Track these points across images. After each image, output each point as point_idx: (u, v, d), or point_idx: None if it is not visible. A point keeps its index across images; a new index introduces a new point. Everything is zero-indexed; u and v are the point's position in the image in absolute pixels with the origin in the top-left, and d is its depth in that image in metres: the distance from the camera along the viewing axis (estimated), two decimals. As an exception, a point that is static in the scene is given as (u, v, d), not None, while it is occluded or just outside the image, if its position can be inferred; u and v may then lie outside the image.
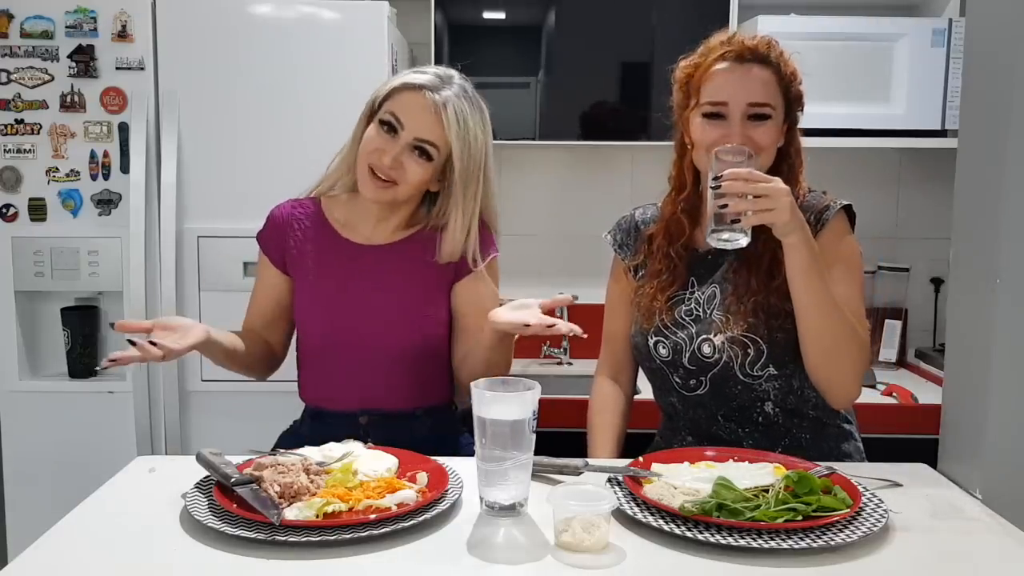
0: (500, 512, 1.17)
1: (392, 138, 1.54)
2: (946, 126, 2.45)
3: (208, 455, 1.24)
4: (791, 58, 1.50)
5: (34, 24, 2.20)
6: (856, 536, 1.09)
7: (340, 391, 1.64)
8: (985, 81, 1.33)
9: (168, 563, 1.05)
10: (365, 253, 1.64)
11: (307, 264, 1.66)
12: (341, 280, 1.63)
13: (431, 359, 1.66)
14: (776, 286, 1.46)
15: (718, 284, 1.53)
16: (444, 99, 1.54)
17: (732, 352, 1.47)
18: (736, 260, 1.51)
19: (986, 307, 1.28)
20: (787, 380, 1.49)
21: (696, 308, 1.53)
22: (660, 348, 1.54)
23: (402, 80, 1.57)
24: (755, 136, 1.45)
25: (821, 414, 1.54)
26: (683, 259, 1.56)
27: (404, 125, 1.53)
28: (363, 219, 1.66)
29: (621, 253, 1.67)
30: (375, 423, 1.62)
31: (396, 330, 1.61)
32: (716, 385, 1.50)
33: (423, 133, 1.53)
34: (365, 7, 2.23)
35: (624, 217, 1.70)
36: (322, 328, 1.64)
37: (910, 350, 2.80)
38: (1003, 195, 1.25)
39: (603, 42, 2.49)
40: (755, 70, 1.46)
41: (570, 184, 2.86)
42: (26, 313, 2.30)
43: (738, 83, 1.46)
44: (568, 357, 2.80)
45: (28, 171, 2.24)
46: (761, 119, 1.45)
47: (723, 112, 1.46)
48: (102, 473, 1.32)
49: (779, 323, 1.46)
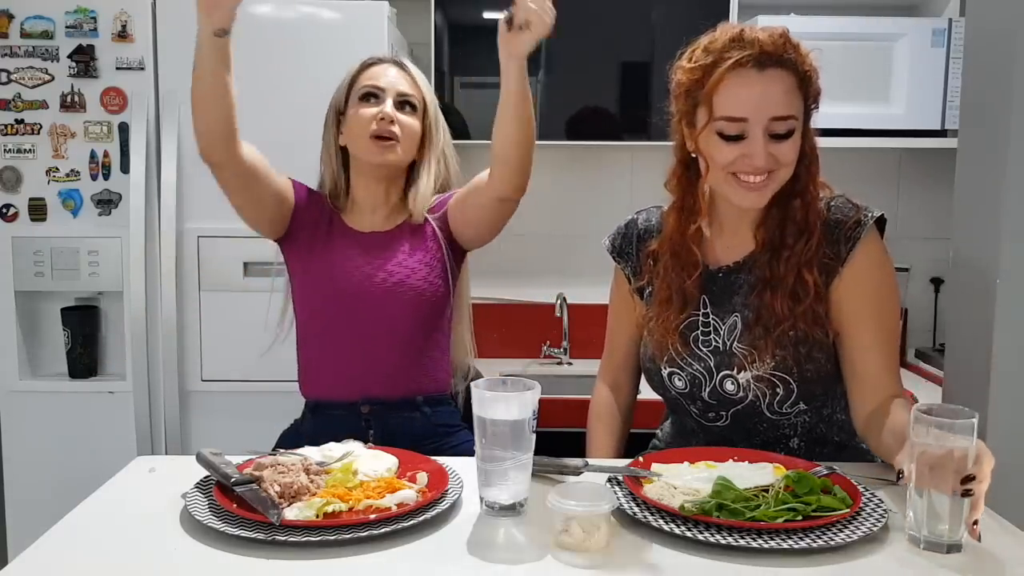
0: (500, 512, 1.17)
1: (378, 104, 1.66)
2: (946, 126, 2.45)
3: (208, 455, 1.24)
4: (807, 51, 1.33)
5: (34, 24, 2.20)
6: (856, 536, 1.08)
7: (340, 379, 1.66)
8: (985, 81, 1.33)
9: (168, 563, 1.05)
10: (367, 239, 1.69)
11: (313, 246, 1.69)
12: (344, 262, 1.67)
13: (430, 343, 1.68)
14: (802, 311, 1.34)
15: (739, 312, 1.40)
16: (400, 60, 1.74)
17: (759, 392, 1.37)
18: (757, 281, 1.40)
19: (986, 307, 1.28)
20: (817, 411, 1.42)
21: (716, 339, 1.41)
22: (676, 380, 1.44)
23: (360, 62, 1.72)
24: (780, 155, 1.30)
25: (844, 437, 1.47)
26: (693, 278, 1.42)
27: (384, 88, 1.67)
28: (362, 208, 1.72)
29: (621, 262, 1.56)
30: (376, 412, 1.64)
31: (398, 300, 1.64)
32: (739, 420, 1.42)
33: (402, 88, 1.69)
34: (365, 7, 2.23)
35: (624, 222, 1.59)
36: (324, 311, 1.66)
37: (910, 350, 2.81)
38: (1003, 195, 1.25)
39: (603, 42, 2.49)
40: (776, 76, 1.29)
41: (569, 184, 2.86)
42: (26, 313, 2.30)
43: (759, 96, 1.28)
44: (568, 357, 2.80)
45: (28, 171, 2.24)
46: (786, 135, 1.30)
47: (743, 131, 1.29)
48: (102, 473, 1.32)
49: (807, 352, 1.35)
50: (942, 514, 1.05)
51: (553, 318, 2.78)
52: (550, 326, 2.80)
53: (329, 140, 1.73)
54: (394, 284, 1.64)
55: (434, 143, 1.72)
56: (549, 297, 2.77)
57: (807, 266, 1.33)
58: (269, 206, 1.65)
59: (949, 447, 1.03)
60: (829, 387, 1.39)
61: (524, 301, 2.87)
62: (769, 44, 1.29)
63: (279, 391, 1.80)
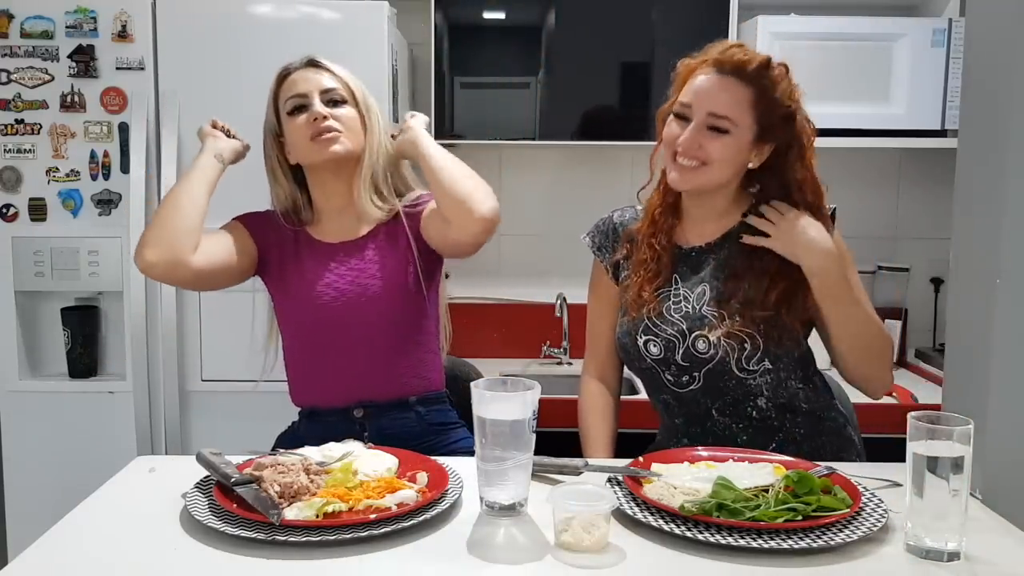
0: (500, 512, 1.17)
1: (308, 111, 1.63)
2: (946, 126, 2.45)
3: (208, 455, 1.24)
4: (787, 82, 1.48)
5: (34, 24, 2.20)
6: (856, 536, 1.09)
7: (331, 387, 1.66)
8: (985, 81, 1.33)
9: (168, 563, 1.05)
10: (338, 249, 1.68)
11: (285, 266, 1.68)
12: (319, 276, 1.66)
13: (416, 344, 1.68)
14: (764, 282, 1.49)
15: (707, 282, 1.54)
16: (307, 57, 1.69)
17: (728, 347, 1.49)
18: (722, 259, 1.54)
19: (986, 307, 1.28)
20: (777, 374, 1.51)
21: (685, 305, 1.53)
22: (651, 347, 1.54)
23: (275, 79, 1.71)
24: (706, 145, 1.46)
25: (814, 407, 1.55)
26: (667, 252, 1.57)
27: (307, 94, 1.64)
28: (329, 215, 1.71)
29: (599, 255, 1.67)
30: (370, 415, 1.64)
31: (378, 307, 1.63)
32: (710, 380, 1.52)
33: (325, 85, 1.65)
34: (365, 7, 2.23)
35: (602, 219, 1.69)
36: (307, 325, 1.66)
37: (910, 350, 2.80)
38: (1003, 195, 1.25)
39: (603, 42, 2.49)
40: (729, 83, 1.46)
41: (570, 184, 2.86)
42: (26, 313, 2.30)
43: (707, 91, 1.47)
44: (568, 357, 2.80)
45: (28, 171, 2.24)
46: (718, 131, 1.46)
47: (687, 115, 1.48)
48: (102, 473, 1.32)
49: (766, 316, 1.48)
50: (942, 523, 1.05)
51: (553, 318, 2.78)
52: (550, 326, 2.79)
53: (275, 164, 1.71)
54: (370, 294, 1.63)
55: (371, 128, 1.67)
56: (549, 297, 2.77)
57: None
58: (243, 268, 1.67)
59: None
60: (785, 352, 1.51)
61: (524, 301, 2.87)
62: (738, 61, 1.47)
63: (279, 391, 1.79)
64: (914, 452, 1.07)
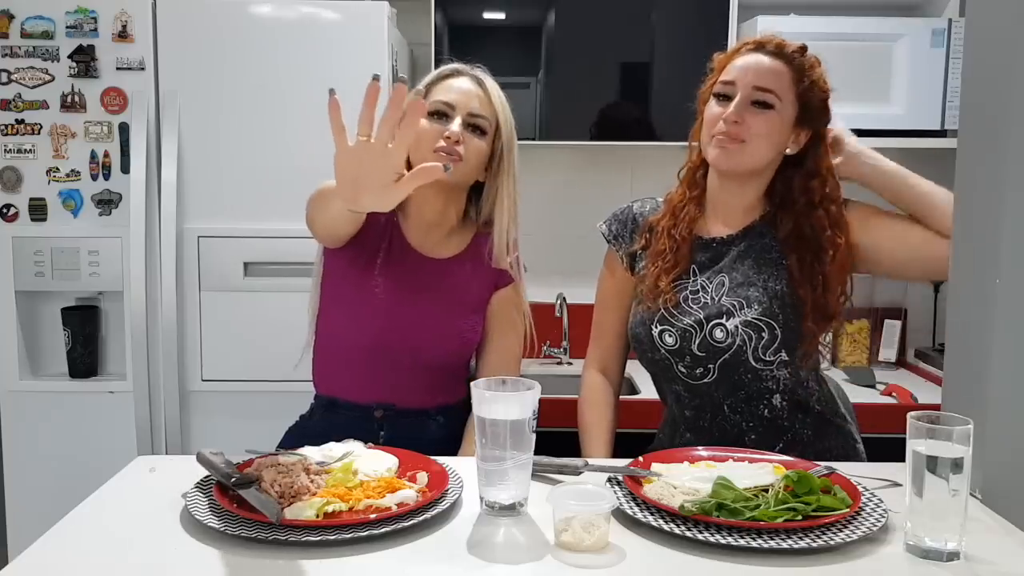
0: (500, 512, 1.17)
1: (445, 123, 1.58)
2: (946, 126, 2.45)
3: (208, 455, 1.24)
4: (821, 69, 1.51)
5: (34, 24, 2.20)
6: (856, 536, 1.09)
7: (359, 384, 1.65)
8: (985, 81, 1.33)
9: (168, 563, 1.05)
10: (427, 264, 1.66)
11: (372, 259, 1.64)
12: (399, 284, 1.63)
13: (456, 363, 1.69)
14: (782, 273, 1.50)
15: (726, 273, 1.54)
16: (480, 76, 1.64)
17: (746, 335, 1.48)
18: (742, 250, 1.54)
19: (986, 307, 1.28)
20: (795, 369, 1.51)
21: (704, 295, 1.53)
22: (666, 337, 1.53)
23: (436, 72, 1.65)
24: (750, 120, 1.47)
25: (824, 409, 1.56)
26: (687, 243, 1.56)
27: (455, 107, 1.59)
28: (418, 222, 1.68)
29: (615, 244, 1.66)
30: (389, 418, 1.64)
31: (441, 342, 1.64)
32: (724, 372, 1.51)
33: (474, 107, 1.60)
34: (365, 7, 2.23)
35: (621, 208, 1.68)
36: (371, 332, 1.62)
37: (910, 350, 2.81)
38: (1003, 195, 1.25)
39: (603, 42, 2.49)
40: (773, 61, 1.49)
41: (571, 184, 2.86)
42: (26, 313, 2.31)
43: (752, 67, 1.49)
44: (568, 357, 2.80)
45: (28, 171, 2.24)
46: (763, 106, 1.47)
47: (730, 92, 1.49)
48: (102, 473, 1.32)
49: (787, 307, 1.49)
50: (942, 523, 1.05)
51: (553, 318, 2.78)
52: (550, 326, 2.80)
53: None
54: (433, 321, 1.63)
55: (505, 168, 1.63)
56: (549, 297, 2.77)
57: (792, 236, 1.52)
58: (349, 234, 1.60)
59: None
60: (804, 346, 1.51)
61: (524, 301, 2.87)
62: (779, 42, 1.50)
63: (279, 391, 1.80)
64: (914, 452, 1.07)
